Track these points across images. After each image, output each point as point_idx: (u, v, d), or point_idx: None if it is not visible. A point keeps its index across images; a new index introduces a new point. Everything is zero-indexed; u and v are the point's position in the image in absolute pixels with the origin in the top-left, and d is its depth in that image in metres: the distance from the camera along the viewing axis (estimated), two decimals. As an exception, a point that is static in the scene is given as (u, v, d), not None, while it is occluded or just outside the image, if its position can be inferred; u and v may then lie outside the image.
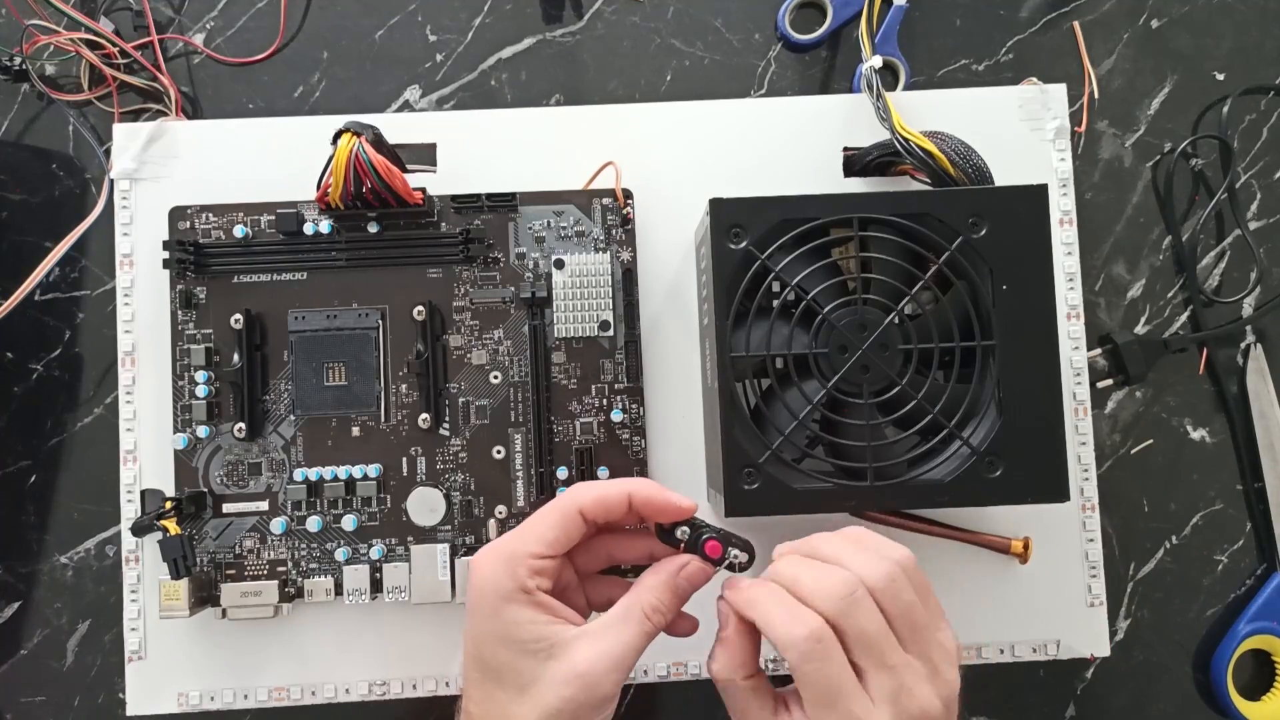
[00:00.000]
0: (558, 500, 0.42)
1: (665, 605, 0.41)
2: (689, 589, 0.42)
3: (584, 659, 0.39)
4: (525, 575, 0.40)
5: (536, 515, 0.42)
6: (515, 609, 0.40)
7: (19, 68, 0.58)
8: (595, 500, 0.42)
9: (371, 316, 0.54)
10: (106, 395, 0.57)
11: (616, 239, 0.55)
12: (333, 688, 0.54)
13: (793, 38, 0.60)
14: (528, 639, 0.40)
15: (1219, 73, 0.61)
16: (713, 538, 0.43)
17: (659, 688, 0.56)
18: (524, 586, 0.40)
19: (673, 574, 0.42)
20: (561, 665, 0.39)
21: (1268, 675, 0.59)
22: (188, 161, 0.56)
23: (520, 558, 0.40)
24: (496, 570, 0.41)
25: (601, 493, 0.42)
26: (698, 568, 0.42)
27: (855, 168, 0.56)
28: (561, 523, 0.41)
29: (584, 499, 0.42)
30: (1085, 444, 0.56)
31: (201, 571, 0.53)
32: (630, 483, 0.42)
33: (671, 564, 0.42)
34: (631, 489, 0.42)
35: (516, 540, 0.41)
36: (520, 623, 0.40)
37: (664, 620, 0.41)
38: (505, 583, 0.40)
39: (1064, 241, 0.57)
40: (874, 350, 0.48)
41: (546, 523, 0.41)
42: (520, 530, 0.42)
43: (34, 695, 0.56)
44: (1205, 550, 0.59)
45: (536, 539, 0.41)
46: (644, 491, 0.42)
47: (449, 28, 0.60)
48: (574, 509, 0.41)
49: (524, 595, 0.40)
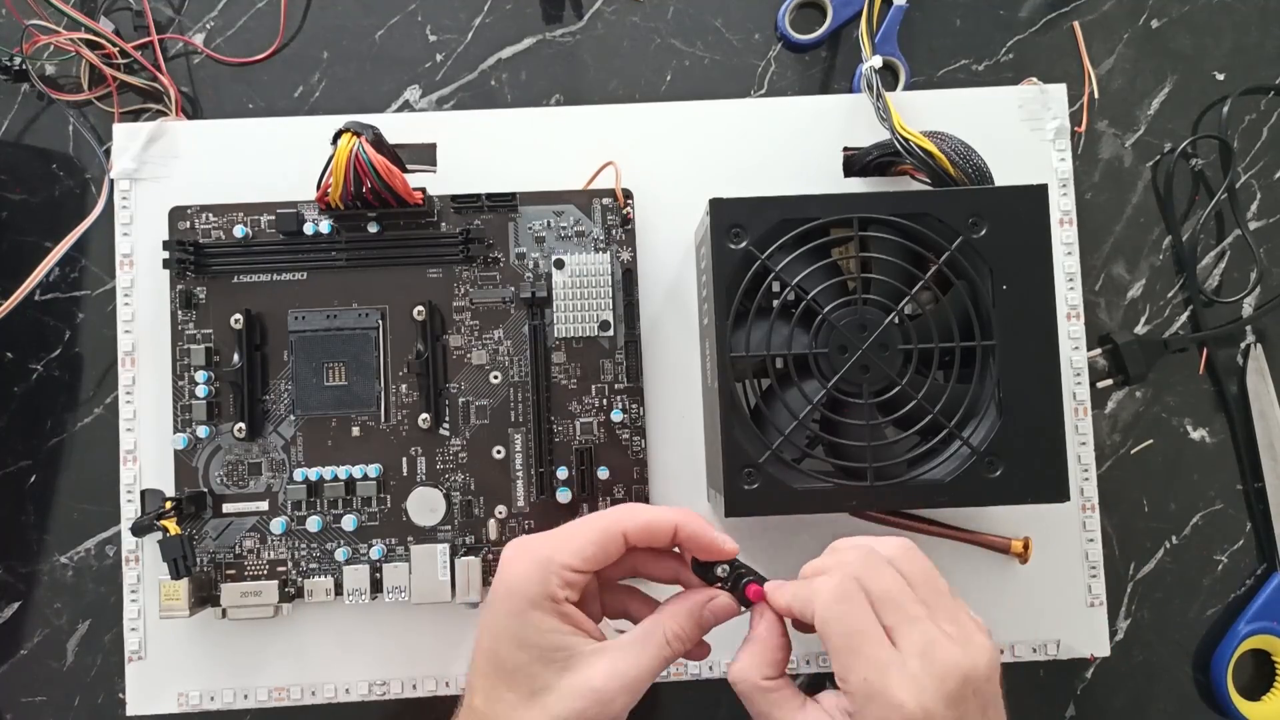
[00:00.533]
0: (604, 517, 0.42)
1: (687, 634, 0.41)
2: (713, 622, 0.42)
3: (600, 676, 0.39)
4: (556, 585, 0.40)
5: (579, 526, 0.42)
6: (540, 615, 0.40)
7: (19, 68, 0.58)
8: (641, 527, 0.41)
9: (371, 316, 0.54)
10: (106, 395, 0.57)
11: (616, 239, 0.55)
12: (333, 688, 0.54)
13: (793, 38, 0.60)
14: (548, 646, 0.39)
15: (1219, 73, 0.61)
16: (754, 581, 0.42)
17: (659, 688, 0.56)
18: (553, 595, 0.40)
19: (700, 605, 0.42)
20: (577, 678, 0.39)
21: (1268, 675, 0.59)
22: (188, 161, 0.56)
23: (555, 567, 0.40)
24: (529, 573, 0.40)
25: (649, 520, 0.41)
26: (725, 603, 0.42)
27: (855, 168, 0.56)
28: (603, 541, 0.41)
29: (630, 524, 0.41)
30: (1085, 444, 0.56)
31: (201, 571, 0.53)
32: (678, 515, 0.42)
33: (701, 595, 0.42)
34: (679, 521, 0.42)
35: (554, 547, 0.41)
36: (543, 630, 0.40)
37: (683, 649, 0.41)
38: (535, 588, 0.40)
39: (1064, 241, 0.57)
40: (874, 350, 0.48)
41: (587, 538, 0.41)
42: (560, 536, 0.41)
43: (34, 695, 0.56)
44: (1205, 550, 0.59)
45: (574, 552, 0.40)
46: (691, 527, 0.42)
47: (449, 28, 0.60)
48: (619, 531, 0.41)
49: (551, 604, 0.40)
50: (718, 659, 0.54)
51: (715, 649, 0.55)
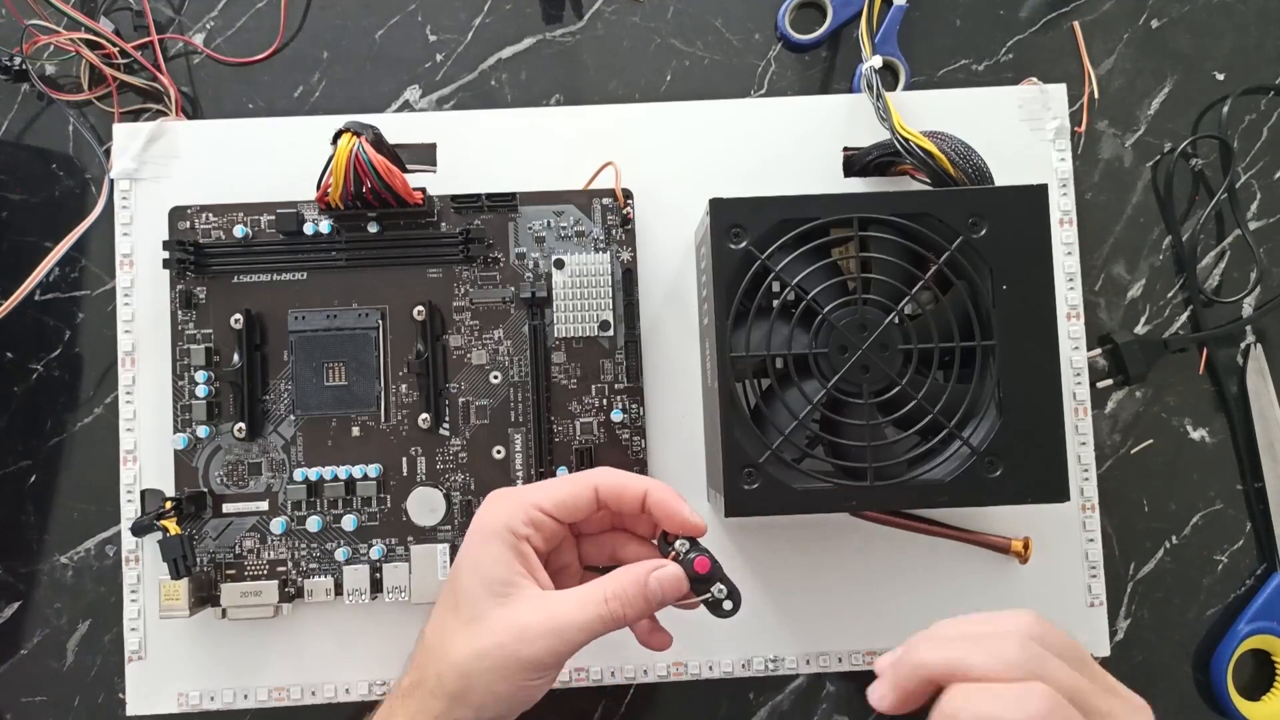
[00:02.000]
0: (580, 473, 0.45)
1: (628, 596, 0.41)
2: (658, 592, 0.41)
3: (529, 614, 0.40)
4: (520, 521, 0.42)
5: (555, 478, 0.45)
6: (497, 546, 0.41)
7: (19, 68, 0.58)
8: (612, 484, 0.43)
9: (371, 316, 0.54)
10: (106, 395, 0.57)
11: (616, 239, 0.55)
12: (333, 688, 0.54)
13: (793, 38, 0.60)
14: (493, 578, 0.41)
15: (1219, 73, 0.61)
16: (705, 556, 0.42)
17: (659, 688, 0.56)
18: (515, 530, 0.41)
19: (646, 571, 0.42)
20: (506, 612, 0.40)
21: (1268, 675, 0.59)
22: (188, 161, 0.56)
23: (524, 504, 0.42)
24: (498, 507, 0.42)
25: (621, 480, 0.43)
26: (672, 573, 0.42)
27: (855, 168, 0.56)
28: (574, 490, 0.43)
29: (602, 479, 0.43)
30: (1085, 444, 0.56)
31: (201, 571, 0.53)
32: (651, 482, 0.43)
33: (648, 563, 0.42)
34: (649, 487, 0.43)
35: (528, 489, 0.43)
36: (495, 559, 0.41)
37: (621, 611, 0.41)
38: (500, 519, 0.42)
39: (1064, 241, 0.57)
40: (874, 350, 0.48)
41: (560, 485, 0.43)
42: (535, 484, 0.44)
43: (34, 695, 0.56)
44: (1205, 550, 0.59)
45: (545, 494, 0.43)
46: (659, 494, 0.43)
47: (449, 28, 0.60)
48: (591, 484, 0.43)
49: (510, 536, 0.41)
50: (717, 659, 0.54)
51: (712, 647, 0.55)
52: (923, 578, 0.55)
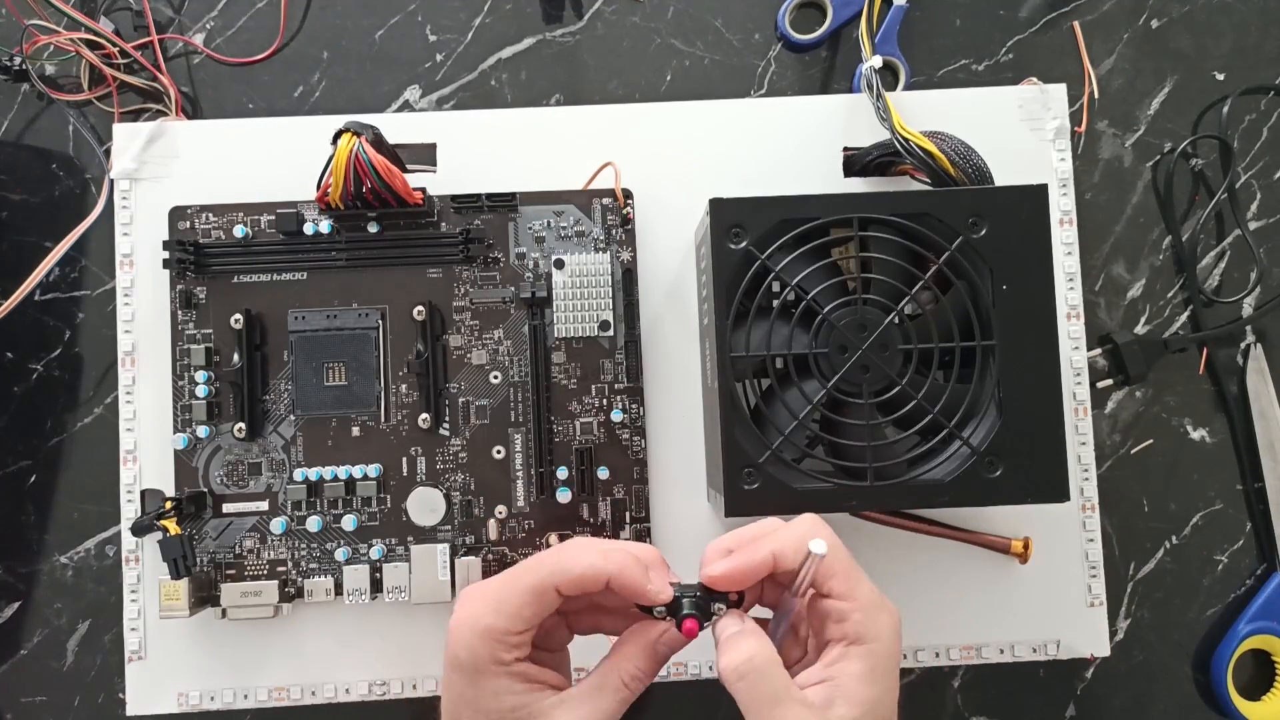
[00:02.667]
0: (533, 572, 0.40)
1: (644, 672, 0.41)
2: (667, 654, 0.41)
3: None
4: (501, 650, 0.39)
5: (512, 583, 0.40)
6: (492, 680, 0.39)
7: (19, 68, 0.58)
8: (573, 582, 0.40)
9: (371, 316, 0.54)
10: (106, 395, 0.57)
11: (616, 239, 0.55)
12: (333, 688, 0.54)
13: (793, 38, 0.60)
14: (506, 709, 0.39)
15: (1219, 73, 0.61)
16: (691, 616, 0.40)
17: (659, 688, 0.56)
18: (499, 660, 0.39)
19: (651, 642, 0.41)
20: None
21: (1268, 675, 0.59)
22: (188, 161, 0.56)
23: (495, 634, 0.39)
24: (472, 645, 0.39)
25: (581, 574, 0.40)
26: (674, 636, 0.41)
27: (855, 168, 0.56)
28: (537, 601, 0.40)
29: (562, 580, 0.40)
30: (1085, 444, 0.56)
31: (201, 571, 0.53)
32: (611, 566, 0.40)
33: (650, 630, 0.41)
34: (611, 573, 0.40)
35: (490, 611, 0.40)
36: (499, 693, 0.39)
37: (641, 687, 0.41)
38: (481, 655, 0.39)
39: (1064, 241, 0.57)
40: (874, 350, 0.48)
41: (520, 599, 0.40)
42: (493, 598, 0.40)
43: (34, 695, 0.56)
44: (1205, 550, 0.59)
45: (510, 616, 0.39)
46: (623, 578, 0.40)
47: (449, 28, 0.60)
48: (551, 587, 0.40)
49: (500, 667, 0.39)
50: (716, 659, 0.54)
51: (712, 647, 0.55)
52: (923, 578, 0.55)
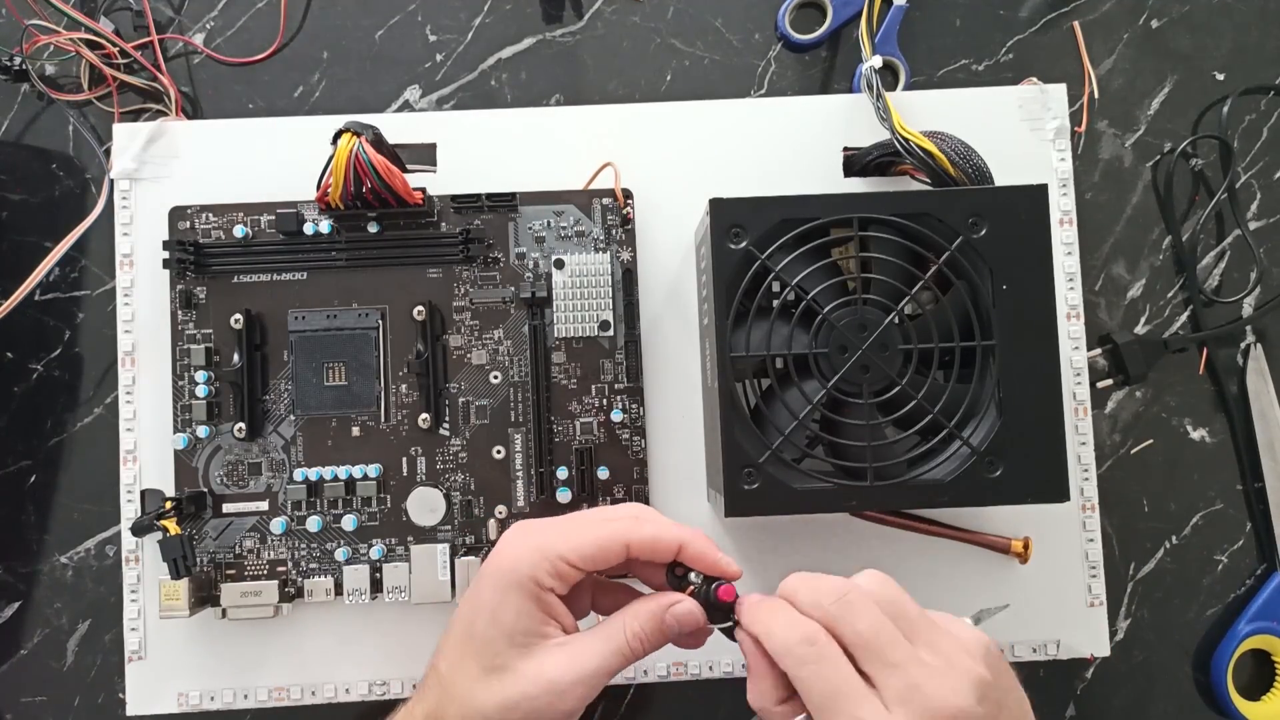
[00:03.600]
0: (611, 522, 0.42)
1: (648, 636, 0.41)
2: (676, 628, 0.41)
3: (558, 667, 0.40)
4: (546, 573, 0.40)
5: (586, 522, 0.42)
6: (520, 598, 0.40)
7: (19, 68, 0.58)
8: (646, 541, 0.41)
9: (371, 316, 0.54)
10: (106, 395, 0.57)
11: (616, 239, 0.55)
12: (333, 688, 0.54)
13: (793, 38, 0.60)
14: (517, 629, 0.40)
15: (1219, 73, 0.61)
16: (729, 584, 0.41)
17: (659, 688, 0.56)
18: (540, 581, 0.40)
19: (664, 608, 0.41)
20: (535, 665, 0.40)
21: (1268, 675, 0.59)
22: (188, 161, 0.56)
23: (551, 555, 0.40)
24: (524, 555, 0.41)
25: (655, 535, 0.41)
26: (689, 609, 0.41)
27: (855, 168, 0.56)
28: (605, 545, 0.41)
29: (635, 536, 0.41)
30: (1085, 444, 0.56)
31: (201, 571, 0.53)
32: (684, 534, 0.41)
33: (665, 599, 0.42)
34: (685, 540, 0.41)
35: (555, 535, 0.41)
36: (520, 612, 0.40)
37: (643, 650, 0.41)
38: (525, 570, 0.40)
39: (1064, 241, 0.57)
40: (874, 350, 0.48)
41: (590, 538, 0.41)
42: (563, 527, 0.42)
43: (34, 695, 0.56)
44: (1205, 550, 0.59)
45: (574, 548, 0.41)
46: (696, 547, 0.41)
47: (449, 28, 0.60)
48: (622, 541, 0.41)
49: (534, 587, 0.40)
50: (716, 659, 0.54)
51: (712, 647, 0.55)
52: (923, 578, 0.55)
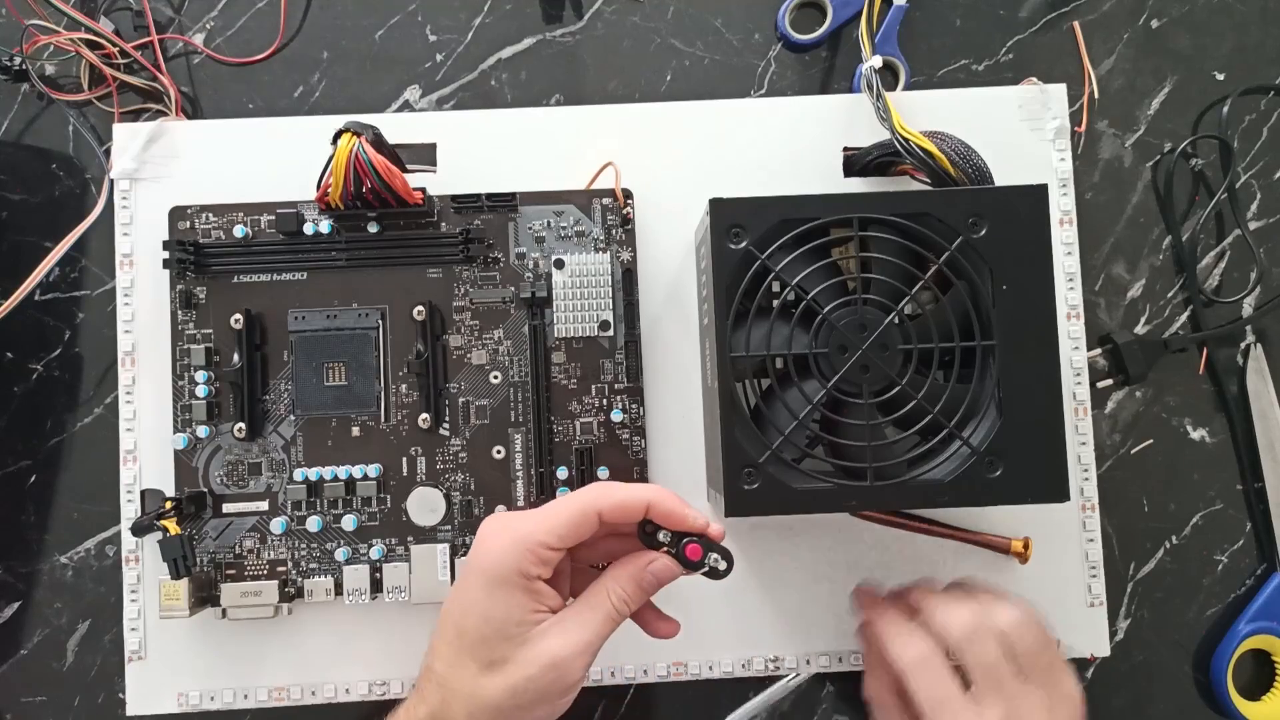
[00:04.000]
0: (579, 496, 0.43)
1: (631, 597, 0.43)
2: (655, 585, 0.44)
3: (557, 647, 0.41)
4: (530, 562, 0.41)
5: (555, 506, 0.43)
6: (508, 592, 0.41)
7: (19, 68, 0.58)
8: (615, 506, 0.43)
9: (371, 316, 0.54)
10: (106, 395, 0.57)
11: (616, 239, 0.55)
12: (333, 688, 0.54)
13: (793, 38, 0.60)
14: (510, 622, 0.41)
15: (1219, 73, 0.61)
16: (694, 542, 0.44)
17: (659, 688, 0.56)
18: (525, 572, 0.41)
19: (641, 568, 0.43)
20: (533, 650, 0.41)
21: (1268, 675, 0.59)
22: (188, 161, 0.56)
23: (531, 544, 0.42)
24: (506, 550, 0.42)
25: (623, 499, 0.43)
26: (665, 564, 0.43)
27: (855, 168, 0.56)
28: (578, 520, 0.42)
29: (605, 503, 0.42)
30: (1085, 444, 0.56)
31: (201, 571, 0.53)
32: (650, 493, 0.43)
33: (640, 559, 0.44)
34: (651, 500, 0.43)
35: (530, 524, 0.42)
36: (510, 606, 0.41)
37: (629, 610, 0.43)
38: (509, 564, 0.41)
39: (1064, 241, 0.57)
40: (874, 350, 0.48)
41: (563, 517, 0.42)
42: (536, 516, 0.43)
43: (34, 695, 0.56)
44: (1205, 550, 0.59)
45: (550, 530, 0.42)
46: (664, 504, 0.43)
47: (449, 28, 0.60)
48: (594, 511, 0.42)
49: (521, 580, 0.41)
50: (717, 659, 0.54)
51: (712, 647, 0.55)
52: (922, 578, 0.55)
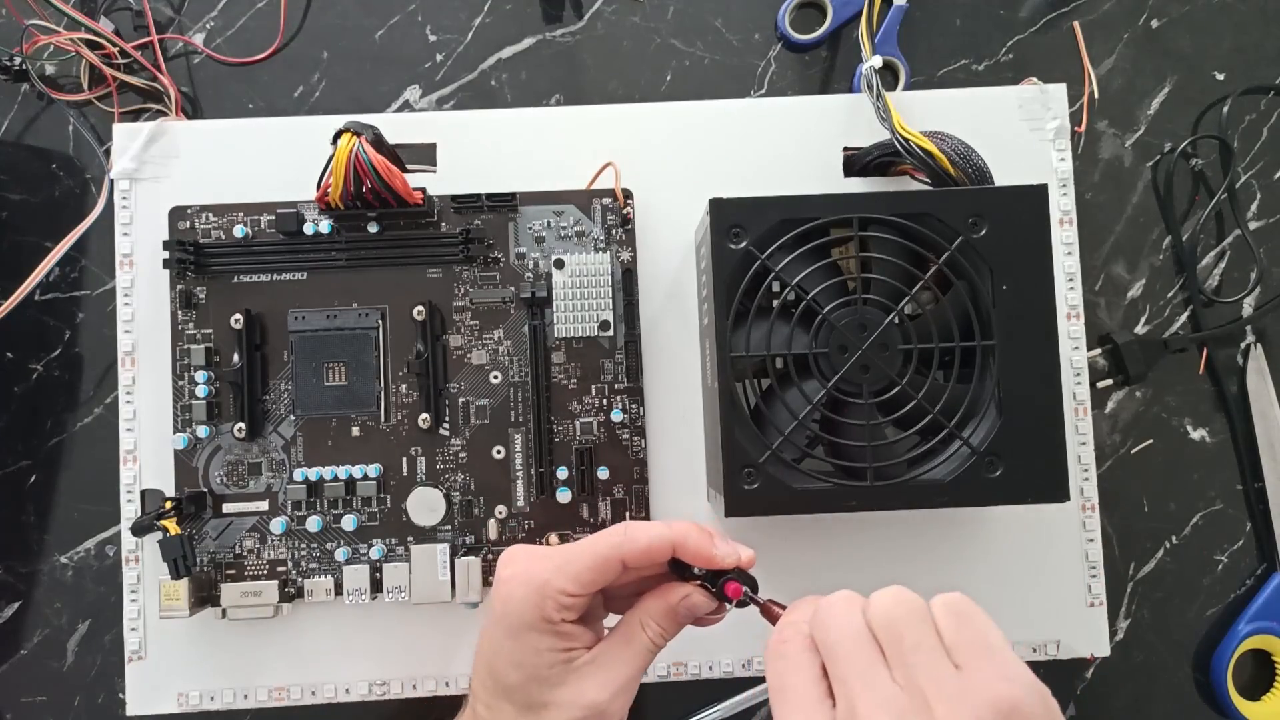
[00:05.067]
0: (602, 540, 0.41)
1: (667, 631, 0.42)
2: (689, 617, 0.42)
3: (594, 689, 0.41)
4: (552, 609, 0.40)
5: (577, 550, 0.41)
6: (536, 637, 0.41)
7: (19, 68, 0.58)
8: (641, 553, 0.41)
9: (371, 316, 0.54)
10: (106, 395, 0.57)
11: (616, 239, 0.55)
12: (333, 688, 0.54)
13: (793, 38, 0.60)
14: (541, 666, 0.41)
15: (1219, 73, 0.61)
16: (733, 580, 0.41)
17: (659, 688, 0.56)
18: (549, 618, 0.41)
19: (675, 603, 0.42)
20: (568, 693, 0.41)
21: (1268, 675, 0.59)
22: (188, 161, 0.56)
23: (551, 591, 0.40)
24: (526, 597, 0.41)
25: (648, 544, 0.41)
26: (701, 600, 0.42)
27: (855, 168, 0.56)
28: (600, 568, 0.41)
29: (629, 550, 0.41)
30: (1085, 444, 0.56)
31: (201, 571, 0.53)
32: (676, 533, 0.41)
33: (675, 592, 0.42)
34: (677, 540, 0.41)
35: (551, 570, 0.41)
36: (539, 650, 0.41)
37: (664, 643, 0.42)
38: (532, 611, 0.41)
39: (1064, 241, 0.57)
40: (874, 350, 0.48)
41: (586, 563, 0.41)
42: (557, 559, 0.41)
43: (34, 695, 0.56)
44: (1205, 550, 0.59)
45: (571, 578, 0.41)
46: (691, 545, 0.41)
47: (449, 28, 0.60)
48: (617, 559, 0.41)
49: (547, 625, 0.41)
50: (717, 659, 0.54)
51: (712, 647, 0.55)
52: (923, 578, 0.55)
